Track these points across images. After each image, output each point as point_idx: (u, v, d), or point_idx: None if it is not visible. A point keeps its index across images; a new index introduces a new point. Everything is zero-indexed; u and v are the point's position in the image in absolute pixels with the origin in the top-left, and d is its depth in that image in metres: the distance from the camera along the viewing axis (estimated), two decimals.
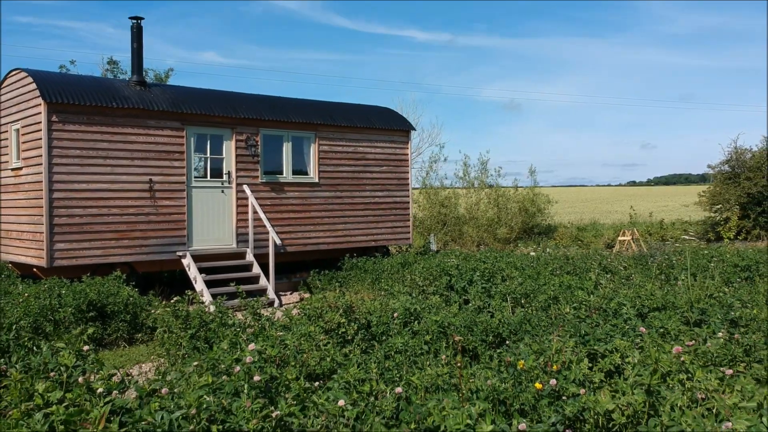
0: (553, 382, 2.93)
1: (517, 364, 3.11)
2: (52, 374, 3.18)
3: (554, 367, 3.16)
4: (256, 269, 12.22)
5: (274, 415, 2.68)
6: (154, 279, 12.82)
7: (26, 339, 4.32)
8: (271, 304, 11.47)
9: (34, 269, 11.42)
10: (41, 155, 10.89)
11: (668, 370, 3.10)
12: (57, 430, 2.81)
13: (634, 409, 2.70)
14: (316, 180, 13.67)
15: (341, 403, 2.99)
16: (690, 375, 3.07)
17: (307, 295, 12.04)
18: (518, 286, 6.91)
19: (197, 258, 11.98)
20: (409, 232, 15.24)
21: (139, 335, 8.73)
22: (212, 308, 6.59)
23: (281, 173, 13.23)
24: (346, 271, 12.56)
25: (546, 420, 2.70)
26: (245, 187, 12.58)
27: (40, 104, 10.94)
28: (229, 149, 12.59)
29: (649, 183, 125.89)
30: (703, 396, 2.81)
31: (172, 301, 6.12)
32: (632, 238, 22.35)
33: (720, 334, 4.05)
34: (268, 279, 12.01)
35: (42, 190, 10.88)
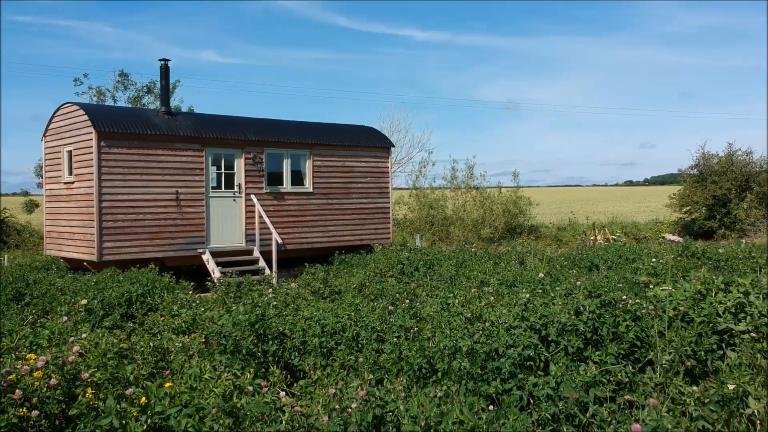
0: (407, 302, 7.09)
1: (394, 297, 7.23)
2: (178, 302, 7.38)
3: (413, 298, 7.29)
4: (262, 263, 16.44)
5: (284, 313, 6.85)
6: (178, 271, 17.04)
7: (159, 289, 8.55)
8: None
9: (85, 263, 15.65)
10: (92, 172, 15.10)
11: (464, 299, 7.22)
12: (189, 321, 7.07)
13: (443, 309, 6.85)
14: (311, 190, 17.92)
15: (308, 313, 7.21)
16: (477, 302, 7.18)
17: None
18: (445, 271, 11.10)
19: (214, 254, 16.19)
20: (389, 233, 19.48)
21: None
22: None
23: (282, 184, 17.47)
24: (336, 265, 16.73)
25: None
26: (252, 196, 16.79)
27: (91, 132, 15.16)
28: (240, 165, 16.82)
29: (645, 182, 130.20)
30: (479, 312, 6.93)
31: (216, 276, 10.32)
32: (603, 238, 26.55)
33: (525, 291, 8.15)
34: (271, 271, 16.21)
35: (93, 200, 15.10)
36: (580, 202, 41.55)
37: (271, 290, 8.11)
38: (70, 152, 16.15)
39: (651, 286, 7.27)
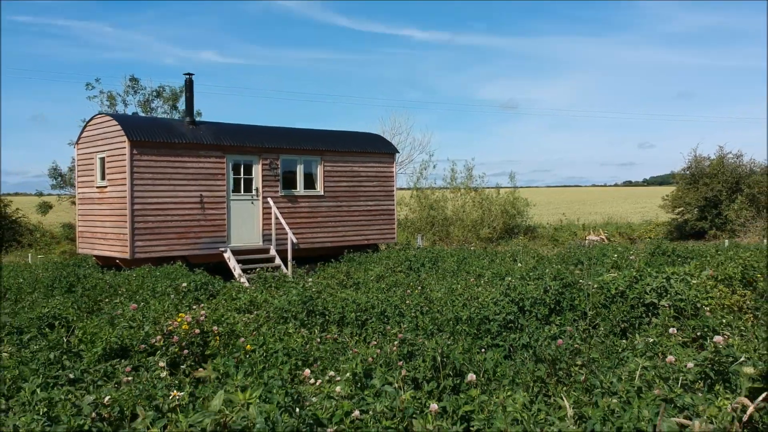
0: (419, 288, 9.42)
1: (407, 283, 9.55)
2: (234, 290, 9.70)
3: (424, 286, 9.63)
4: (278, 261, 18.76)
5: (322, 296, 9.17)
6: (200, 267, 19.33)
7: (216, 280, 10.98)
8: None
9: (117, 261, 17.96)
10: (125, 178, 17.40)
11: (465, 286, 9.52)
12: (247, 303, 9.44)
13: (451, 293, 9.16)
14: (322, 193, 20.26)
15: (344, 295, 9.55)
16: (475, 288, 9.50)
17: None
18: (448, 266, 13.47)
19: (234, 252, 18.51)
20: (394, 233, 21.85)
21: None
22: (246, 284, 13.15)
23: (295, 188, 19.81)
24: (345, 262, 19.06)
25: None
26: (269, 199, 19.11)
27: (124, 141, 17.46)
28: (257, 171, 19.15)
29: (644, 183, 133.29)
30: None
31: (255, 272, 12.66)
32: (598, 237, 28.94)
33: (510, 278, 10.48)
34: (287, 268, 18.52)
35: (125, 203, 17.40)
36: (579, 203, 43.98)
37: (310, 279, 10.48)
38: (102, 159, 18.44)
39: (602, 273, 9.61)
